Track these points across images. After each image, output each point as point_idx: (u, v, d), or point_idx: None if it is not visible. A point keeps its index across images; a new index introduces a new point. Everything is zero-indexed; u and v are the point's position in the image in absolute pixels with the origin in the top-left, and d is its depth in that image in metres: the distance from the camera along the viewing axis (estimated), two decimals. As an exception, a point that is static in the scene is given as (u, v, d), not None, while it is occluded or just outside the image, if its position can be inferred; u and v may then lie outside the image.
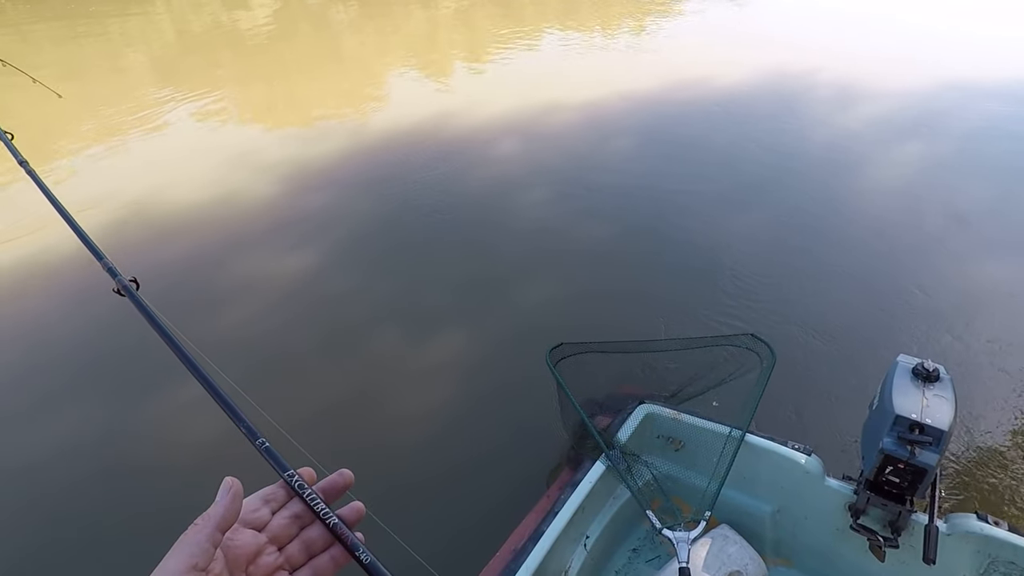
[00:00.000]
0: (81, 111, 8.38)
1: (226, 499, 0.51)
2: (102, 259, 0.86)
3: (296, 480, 0.55)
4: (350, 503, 0.58)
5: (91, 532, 2.89)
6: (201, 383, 0.66)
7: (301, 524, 0.55)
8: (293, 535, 0.55)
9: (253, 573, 0.51)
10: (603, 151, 6.25)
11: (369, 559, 0.53)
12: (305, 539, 0.55)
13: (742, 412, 2.37)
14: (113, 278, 0.82)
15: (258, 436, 0.58)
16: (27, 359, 3.95)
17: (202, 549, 0.47)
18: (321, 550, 0.55)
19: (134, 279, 0.83)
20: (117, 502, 3.01)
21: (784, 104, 7.24)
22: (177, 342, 0.70)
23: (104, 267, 0.84)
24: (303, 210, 5.45)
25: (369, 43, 11.41)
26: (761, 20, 11.53)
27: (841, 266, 4.40)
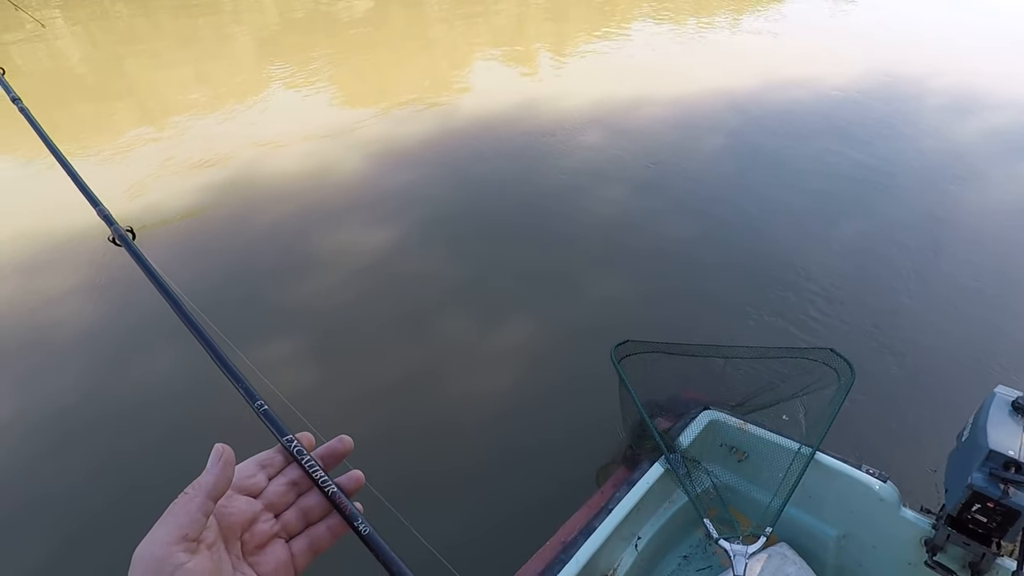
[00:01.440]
0: (189, 81, 8.94)
1: (217, 466, 0.48)
2: (98, 206, 0.83)
3: (295, 446, 0.52)
4: (349, 472, 0.56)
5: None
6: (199, 340, 0.63)
7: (298, 491, 0.53)
8: (290, 502, 0.53)
9: (248, 540, 0.49)
10: (689, 150, 6.07)
11: (368, 531, 0.50)
12: (302, 506, 0.53)
13: (813, 428, 2.26)
14: (109, 227, 0.76)
15: (256, 399, 0.55)
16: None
17: (192, 519, 0.44)
18: (318, 519, 0.53)
19: (130, 229, 0.80)
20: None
21: (891, 110, 6.78)
22: (174, 295, 0.66)
23: (100, 214, 0.81)
24: (387, 188, 5.61)
25: (459, 29, 11.53)
26: (875, 14, 10.78)
27: (937, 286, 4.11)
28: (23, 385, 3.70)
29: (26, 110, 1.19)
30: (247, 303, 4.29)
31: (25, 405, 3.55)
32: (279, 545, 0.51)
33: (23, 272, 4.67)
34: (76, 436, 3.33)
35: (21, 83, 5.89)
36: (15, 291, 4.48)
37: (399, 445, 3.19)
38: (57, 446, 3.29)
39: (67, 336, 4.04)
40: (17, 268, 4.72)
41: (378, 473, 2.19)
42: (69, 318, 4.19)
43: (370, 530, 0.51)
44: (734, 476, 2.32)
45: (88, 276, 4.56)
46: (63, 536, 2.84)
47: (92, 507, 2.95)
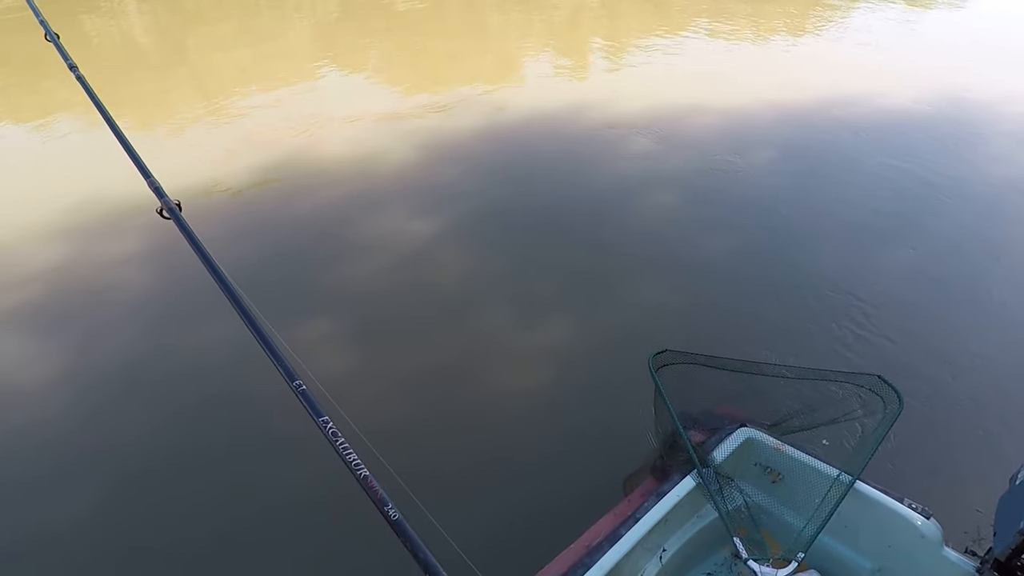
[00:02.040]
0: (250, 64, 9.19)
1: None
2: (149, 177, 0.85)
3: (330, 427, 0.55)
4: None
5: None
6: (241, 316, 0.64)
7: None
8: None
9: None
10: (740, 162, 5.93)
11: (396, 516, 0.52)
12: None
13: (854, 456, 2.19)
14: (159, 199, 0.81)
15: (295, 378, 0.57)
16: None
17: None
18: None
19: (178, 202, 0.82)
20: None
21: (958, 133, 6.48)
22: (219, 271, 0.69)
23: (151, 186, 0.84)
24: (435, 179, 5.66)
25: (514, 25, 11.54)
26: (947, 30, 10.35)
27: (993, 319, 3.93)
28: (78, 345, 3.86)
29: (83, 78, 1.20)
30: (288, 283, 4.38)
31: (76, 364, 3.71)
32: None
33: (81, 238, 4.87)
34: (118, 400, 3.46)
35: (88, 55, 6.13)
36: (75, 255, 4.68)
37: (427, 437, 3.22)
38: (106, 405, 3.42)
39: (120, 300, 4.20)
40: (76, 233, 4.92)
41: (404, 463, 2.20)
42: (122, 283, 4.35)
43: (399, 516, 0.51)
44: (767, 497, 2.27)
45: (141, 245, 4.73)
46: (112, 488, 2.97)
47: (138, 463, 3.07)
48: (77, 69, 1.25)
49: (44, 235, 4.90)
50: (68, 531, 2.80)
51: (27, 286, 4.36)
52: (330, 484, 2.83)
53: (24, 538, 2.79)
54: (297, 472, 2.99)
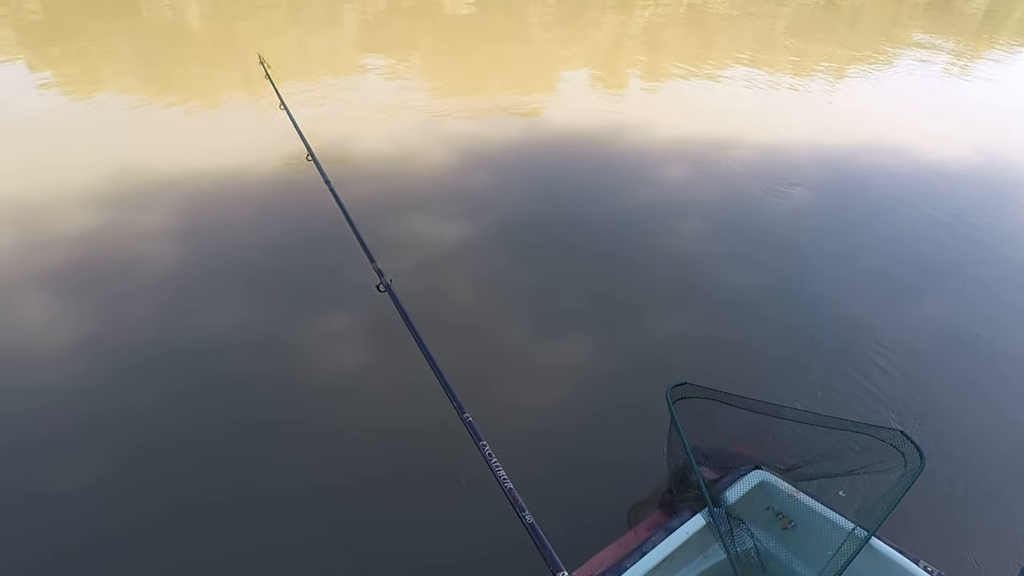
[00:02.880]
0: (297, 58, 9.37)
1: None
2: (374, 261, 0.97)
3: (487, 449, 0.62)
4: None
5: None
6: (423, 353, 0.72)
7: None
8: None
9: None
10: (771, 201, 5.91)
11: (530, 520, 0.61)
12: None
13: (869, 511, 2.14)
14: (380, 278, 0.93)
15: (464, 411, 0.66)
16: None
17: None
18: None
19: (391, 280, 0.92)
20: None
21: (992, 192, 6.40)
22: (424, 345, 0.79)
23: (374, 268, 0.95)
24: (466, 187, 5.71)
25: (556, 44, 11.64)
26: (989, 93, 10.26)
27: (1018, 384, 3.84)
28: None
29: (333, 190, 1.27)
30: (315, 275, 4.42)
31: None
32: None
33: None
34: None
35: (144, 42, 6.24)
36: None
37: (422, 445, 3.19)
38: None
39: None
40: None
41: (404, 477, 2.20)
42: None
43: (532, 520, 0.61)
44: (778, 544, 2.22)
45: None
46: (121, 456, 2.99)
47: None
48: (331, 183, 1.34)
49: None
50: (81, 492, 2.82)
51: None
52: (339, 479, 2.83)
53: (24, 498, 2.82)
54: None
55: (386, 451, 3.15)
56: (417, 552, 2.71)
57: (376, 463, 3.09)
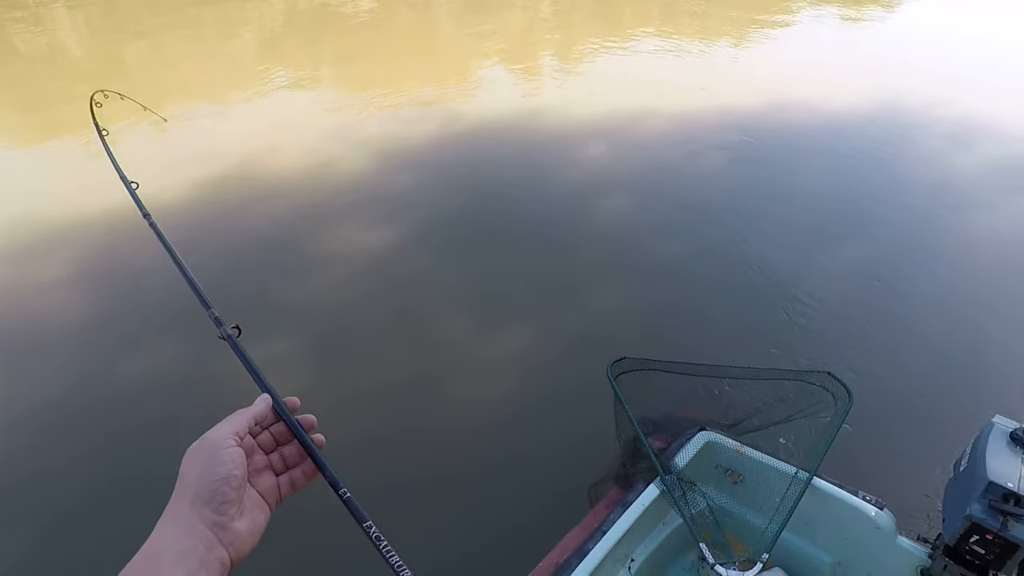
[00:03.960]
0: (193, 75, 8.90)
1: (263, 404, 0.72)
2: (209, 308, 0.92)
3: (374, 531, 0.67)
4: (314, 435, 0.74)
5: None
6: (286, 421, 0.74)
7: (277, 440, 0.73)
8: (273, 447, 0.73)
9: (249, 464, 0.68)
10: (690, 166, 6.08)
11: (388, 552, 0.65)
12: (282, 452, 0.73)
13: (809, 453, 2.24)
14: (219, 328, 0.88)
15: (341, 487, 0.69)
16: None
17: (242, 426, 0.68)
18: (295, 464, 0.73)
19: (237, 326, 0.88)
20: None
21: (892, 137, 6.78)
22: (272, 392, 0.76)
23: (211, 317, 0.90)
24: (389, 189, 5.60)
25: (465, 34, 11.53)
26: (878, 42, 10.84)
27: (933, 312, 4.12)
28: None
29: (155, 225, 1.19)
30: (243, 298, 4.24)
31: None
32: (269, 474, 0.71)
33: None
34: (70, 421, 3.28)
35: (19, 67, 5.74)
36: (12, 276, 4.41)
37: (384, 452, 3.15)
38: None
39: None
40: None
41: (361, 480, 2.13)
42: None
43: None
44: (729, 499, 2.30)
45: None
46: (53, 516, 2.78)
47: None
48: (151, 217, 1.23)
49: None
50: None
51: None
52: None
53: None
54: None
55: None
56: None
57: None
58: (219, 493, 0.62)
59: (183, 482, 0.63)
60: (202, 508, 0.61)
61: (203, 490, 0.61)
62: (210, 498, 0.61)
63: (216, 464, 0.63)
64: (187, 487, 0.62)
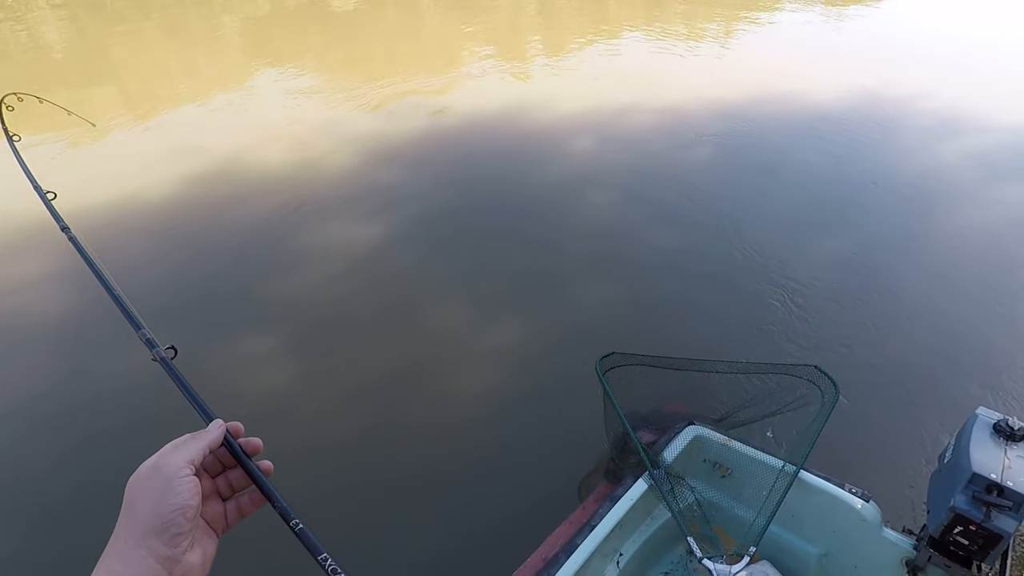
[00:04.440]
0: (179, 70, 8.78)
1: (217, 432, 0.68)
2: (140, 329, 0.86)
3: (329, 564, 0.64)
4: (262, 461, 0.70)
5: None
6: (232, 452, 0.70)
7: (223, 465, 0.70)
8: (219, 471, 0.70)
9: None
10: (677, 159, 6.09)
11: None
12: (228, 477, 0.70)
13: (797, 446, 2.26)
14: (151, 349, 0.82)
15: (292, 517, 0.65)
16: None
17: (198, 453, 0.64)
18: (241, 489, 0.70)
19: (172, 347, 0.83)
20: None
21: (877, 128, 6.83)
22: (205, 407, 0.74)
23: (142, 338, 0.85)
24: (377, 184, 5.58)
25: (453, 29, 11.47)
26: (863, 37, 10.90)
27: (919, 305, 4.15)
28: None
29: (75, 239, 1.14)
30: (227, 295, 4.21)
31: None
32: (215, 500, 0.68)
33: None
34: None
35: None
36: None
37: (373, 448, 3.14)
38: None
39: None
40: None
41: (349, 477, 2.14)
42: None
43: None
44: (717, 492, 2.31)
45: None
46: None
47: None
48: (70, 230, 1.18)
49: None
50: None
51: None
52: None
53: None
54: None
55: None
56: None
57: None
58: (173, 524, 0.59)
59: (132, 513, 0.59)
60: (153, 541, 0.58)
61: (155, 521, 0.58)
62: (163, 530, 0.58)
63: (171, 494, 0.60)
64: (137, 518, 0.59)
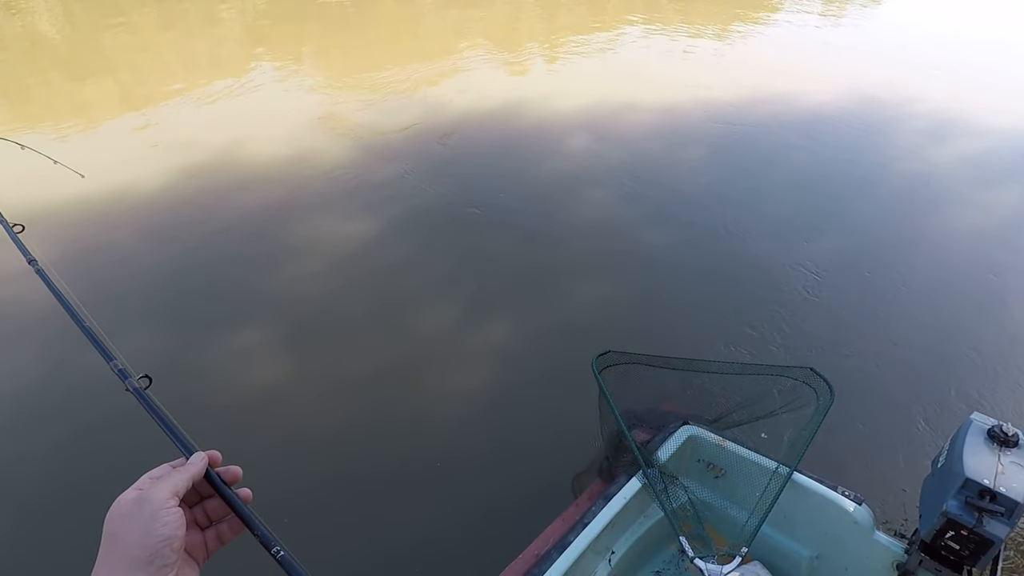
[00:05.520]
0: (175, 63, 8.73)
1: (200, 464, 0.68)
2: (111, 360, 0.85)
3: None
4: (240, 488, 0.70)
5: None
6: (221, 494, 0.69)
7: (200, 494, 0.70)
8: (196, 501, 0.70)
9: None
10: (674, 158, 6.08)
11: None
12: (206, 506, 0.69)
13: (791, 448, 2.26)
14: (123, 380, 0.81)
15: (273, 545, 0.64)
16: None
17: (182, 486, 0.64)
18: (220, 518, 0.70)
19: (147, 376, 0.83)
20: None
21: (872, 130, 6.84)
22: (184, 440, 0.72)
23: (114, 369, 0.84)
24: (371, 179, 5.53)
25: (450, 24, 11.42)
26: (859, 38, 10.91)
27: (913, 308, 4.16)
28: None
29: (43, 272, 1.13)
30: (219, 286, 4.19)
31: None
32: (195, 529, 0.68)
33: None
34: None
35: (-7, 56, 5.58)
36: None
37: (363, 444, 3.13)
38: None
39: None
40: None
41: (338, 473, 2.13)
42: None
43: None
44: (711, 493, 2.31)
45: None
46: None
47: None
48: (37, 263, 1.16)
49: None
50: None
51: None
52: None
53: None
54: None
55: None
56: None
57: None
58: (160, 556, 0.59)
59: (115, 545, 0.59)
60: (139, 573, 0.58)
61: (142, 552, 0.58)
62: (149, 561, 0.58)
63: (158, 525, 0.60)
64: (121, 550, 0.59)
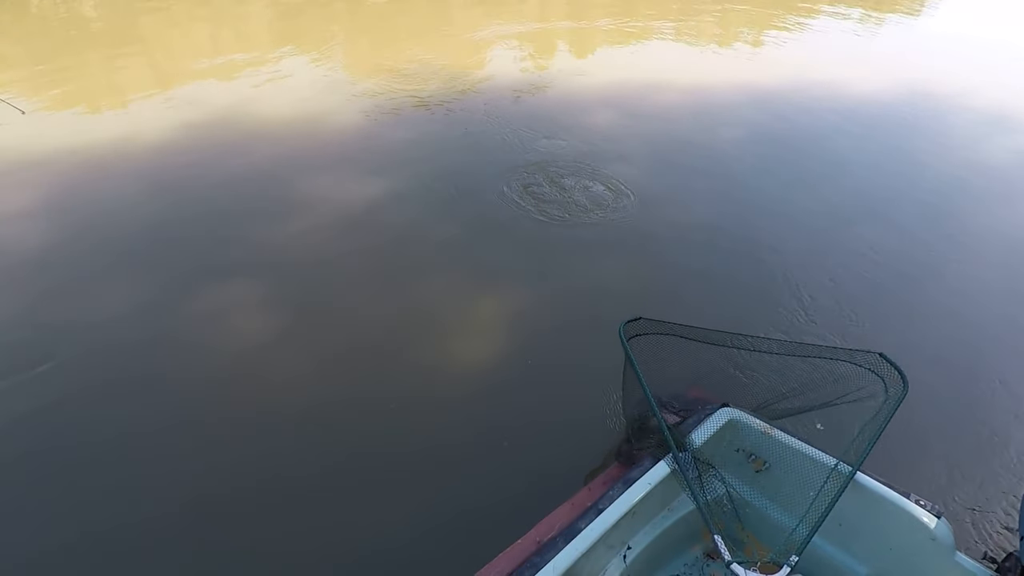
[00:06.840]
0: (204, 41, 8.54)
1: None
2: None
3: None
4: None
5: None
6: None
7: None
8: None
9: None
10: (706, 138, 5.66)
11: None
12: None
13: (852, 444, 1.88)
14: None
15: None
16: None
17: None
18: None
19: None
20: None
21: (917, 122, 6.36)
22: None
23: None
24: (386, 143, 5.22)
25: (479, 8, 10.99)
26: (900, 44, 10.25)
27: (991, 302, 3.71)
28: None
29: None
30: (220, 243, 3.92)
31: None
32: None
33: None
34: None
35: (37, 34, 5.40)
36: None
37: (362, 418, 2.81)
38: None
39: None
40: None
41: (335, 447, 1.79)
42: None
43: None
44: (749, 489, 1.94)
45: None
46: None
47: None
48: None
49: None
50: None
51: None
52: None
53: None
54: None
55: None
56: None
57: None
58: None
59: None
60: None
61: None
62: None
63: None
64: None
